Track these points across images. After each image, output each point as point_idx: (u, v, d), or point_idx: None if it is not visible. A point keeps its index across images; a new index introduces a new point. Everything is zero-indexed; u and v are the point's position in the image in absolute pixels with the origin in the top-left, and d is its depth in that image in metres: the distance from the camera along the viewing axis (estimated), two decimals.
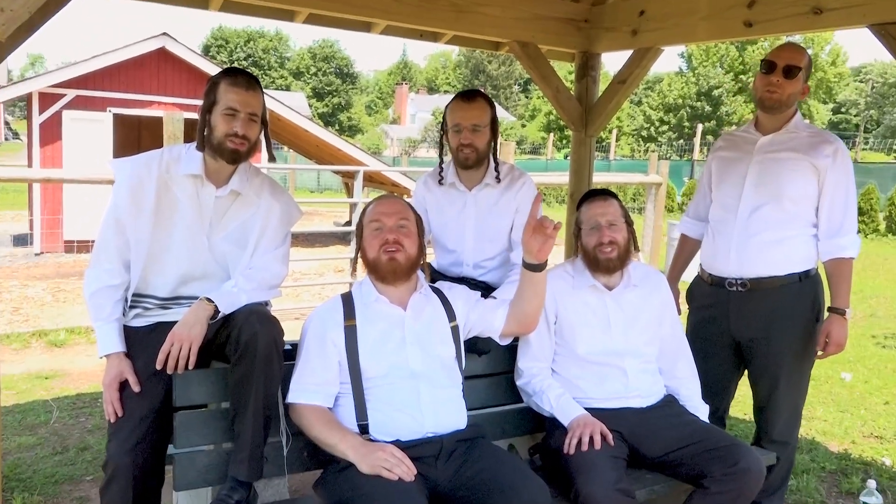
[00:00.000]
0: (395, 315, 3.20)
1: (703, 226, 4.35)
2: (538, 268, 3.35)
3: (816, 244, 3.95)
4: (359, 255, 3.30)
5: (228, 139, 3.19)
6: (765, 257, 3.94)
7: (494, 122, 4.02)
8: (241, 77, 3.25)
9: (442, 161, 4.13)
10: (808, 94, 3.94)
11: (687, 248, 4.56)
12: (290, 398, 3.11)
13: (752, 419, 4.31)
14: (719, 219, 4.13)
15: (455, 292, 3.47)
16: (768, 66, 3.93)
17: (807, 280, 3.96)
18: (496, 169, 4.07)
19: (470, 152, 3.94)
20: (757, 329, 4.01)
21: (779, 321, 3.96)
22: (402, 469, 2.80)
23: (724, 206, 4.11)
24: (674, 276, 4.54)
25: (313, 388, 3.10)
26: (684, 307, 4.40)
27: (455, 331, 3.33)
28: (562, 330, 3.66)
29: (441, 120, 4.14)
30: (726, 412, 4.35)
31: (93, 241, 3.42)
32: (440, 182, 4.13)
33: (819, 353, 3.91)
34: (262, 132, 3.37)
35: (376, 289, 3.24)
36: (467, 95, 4.01)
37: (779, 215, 3.91)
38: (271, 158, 3.52)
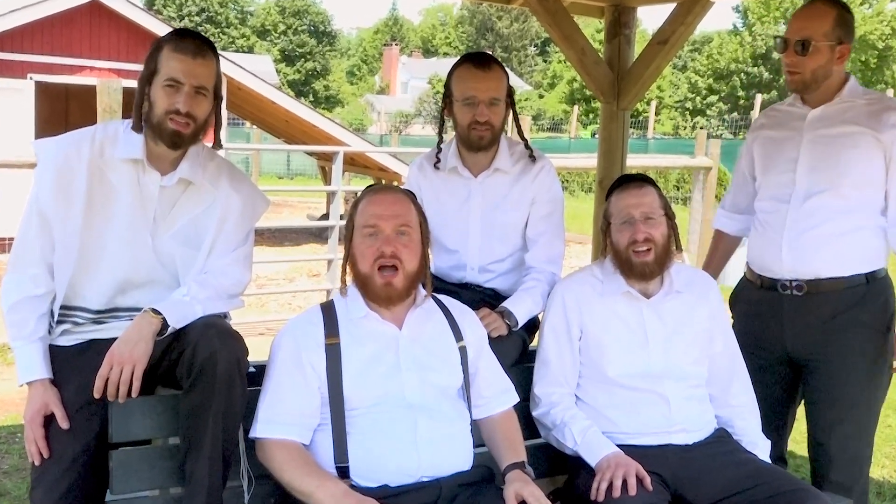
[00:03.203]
0: (387, 334, 3.19)
1: (744, 219, 4.38)
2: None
3: (886, 237, 3.95)
4: (346, 263, 3.27)
5: (169, 117, 3.18)
6: (823, 254, 3.92)
7: (511, 95, 4.04)
8: (189, 41, 3.24)
9: (441, 140, 4.13)
10: (847, 55, 3.91)
11: (722, 246, 4.59)
12: (259, 432, 3.07)
13: (803, 454, 4.29)
14: (769, 210, 4.12)
15: (467, 317, 3.46)
16: (781, 43, 3.95)
17: (875, 282, 3.95)
18: (527, 146, 4.08)
19: (485, 131, 3.94)
20: (815, 342, 3.99)
21: (841, 332, 3.93)
22: None
23: (773, 195, 4.10)
24: None
25: (288, 420, 3.06)
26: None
27: (464, 353, 3.31)
28: (588, 348, 3.67)
29: (442, 90, 4.13)
30: (785, 446, 4.33)
31: (10, 240, 3.42)
32: (437, 167, 4.13)
33: (895, 368, 3.87)
34: (214, 111, 3.36)
35: (366, 303, 3.23)
36: (480, 60, 4.00)
37: (839, 203, 3.89)
38: (217, 145, 3.49)
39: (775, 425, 4.19)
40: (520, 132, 4.13)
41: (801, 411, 4.28)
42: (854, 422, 4.00)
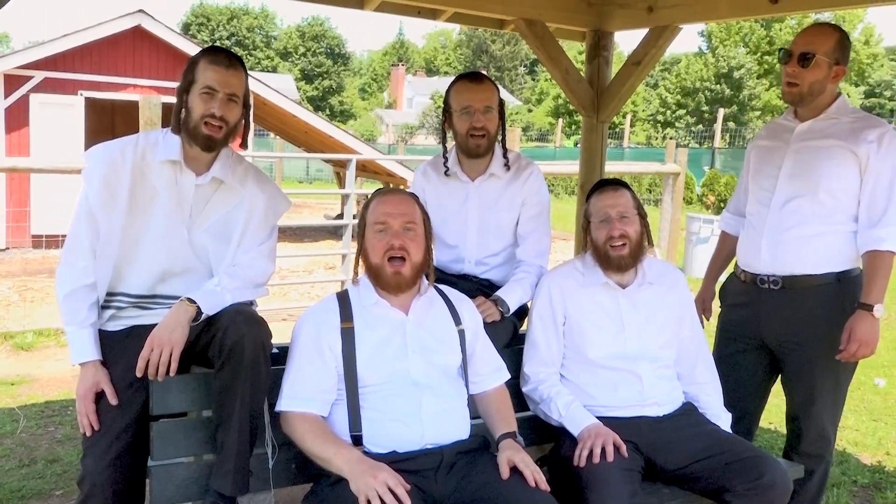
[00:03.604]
0: (396, 319, 3.20)
1: (744, 222, 4.33)
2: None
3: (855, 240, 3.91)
4: (359, 256, 3.28)
5: (204, 121, 3.19)
6: (799, 254, 3.90)
7: (502, 106, 4.04)
8: (223, 55, 3.26)
9: (445, 151, 4.13)
10: (842, 76, 3.87)
11: (726, 246, 4.54)
12: (283, 406, 3.08)
13: (777, 429, 4.31)
14: (754, 212, 4.11)
15: (465, 304, 3.47)
16: (784, 55, 3.91)
17: (846, 281, 3.91)
18: (505, 156, 4.07)
19: (482, 138, 3.95)
20: (789, 332, 3.98)
21: (813, 324, 3.92)
22: (391, 499, 2.72)
23: (758, 198, 4.09)
24: (711, 276, 4.56)
25: (308, 395, 3.08)
26: (715, 309, 4.40)
27: (462, 335, 3.32)
28: (571, 332, 3.67)
29: (441, 105, 4.14)
30: (755, 422, 4.33)
31: (63, 236, 3.42)
32: (446, 173, 4.14)
33: (841, 350, 3.80)
34: (243, 117, 3.37)
35: (376, 291, 3.24)
36: (474, 76, 4.03)
37: (815, 209, 3.87)
38: (244, 145, 3.52)
39: (748, 402, 4.21)
40: (503, 142, 4.11)
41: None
42: (822, 402, 3.99)
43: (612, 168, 11.37)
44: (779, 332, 4.02)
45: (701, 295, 4.56)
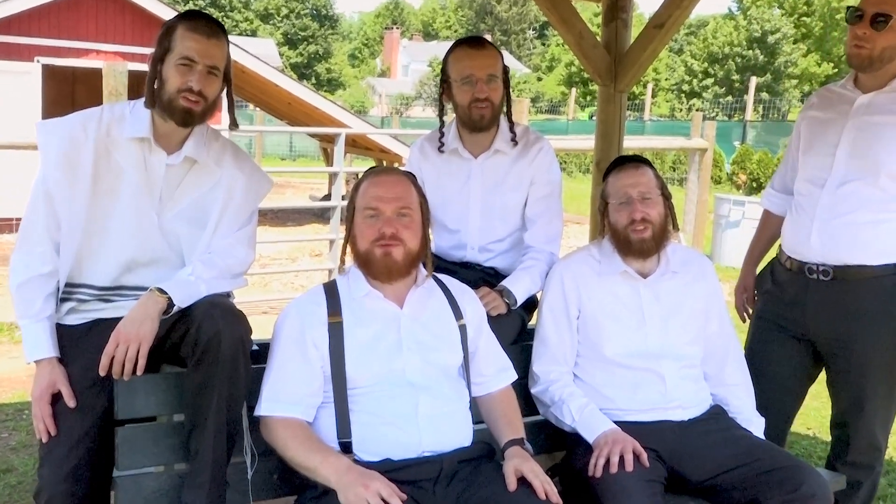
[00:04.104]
0: (389, 313, 3.19)
1: (791, 201, 4.25)
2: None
3: None
4: (347, 244, 3.27)
5: (181, 95, 3.17)
6: (854, 242, 3.84)
7: (506, 74, 4.03)
8: (203, 22, 3.24)
9: (443, 124, 4.12)
10: None
11: (769, 227, 4.46)
12: (263, 410, 3.07)
13: (817, 435, 4.29)
14: (804, 192, 4.03)
15: (467, 296, 3.45)
16: (854, 14, 3.80)
17: None
18: (511, 130, 4.06)
19: (486, 109, 3.93)
20: (839, 328, 3.93)
21: (867, 320, 3.87)
22: None
23: (810, 177, 4.01)
24: (752, 261, 4.52)
25: (292, 398, 3.07)
26: (732, 298, 4.39)
27: (463, 331, 3.31)
28: (586, 327, 3.67)
29: (440, 73, 4.12)
30: (787, 425, 4.30)
31: (18, 220, 3.41)
32: (440, 150, 4.13)
33: None
34: (225, 91, 3.36)
35: (367, 281, 3.22)
36: (474, 41, 4.02)
37: (874, 193, 3.81)
38: (233, 125, 3.52)
39: (783, 403, 4.17)
40: (509, 114, 4.10)
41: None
42: (873, 407, 3.97)
43: (631, 143, 11.35)
44: (827, 328, 3.97)
45: (742, 282, 4.52)
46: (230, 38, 3.39)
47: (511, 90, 4.10)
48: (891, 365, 3.88)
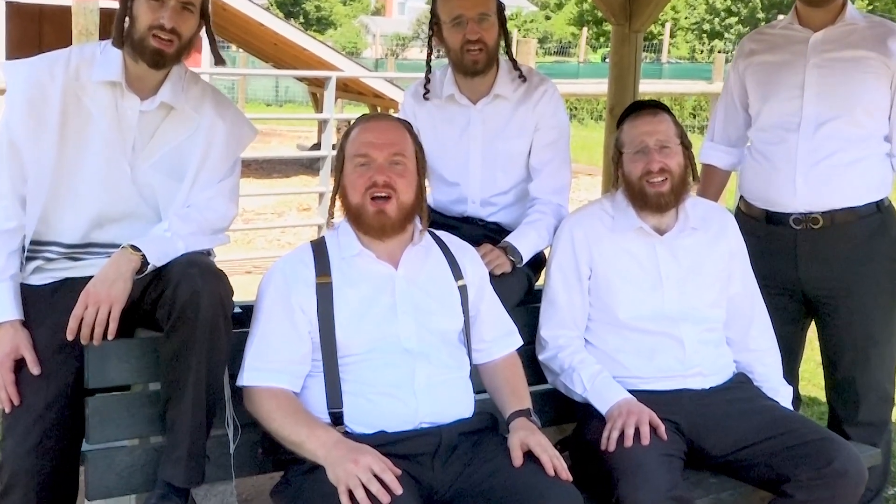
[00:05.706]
0: (383, 274, 3.17)
1: (737, 153, 4.40)
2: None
3: (891, 164, 4.02)
4: (337, 194, 3.24)
5: (152, 33, 3.12)
6: (840, 184, 3.93)
7: (501, 11, 4.00)
8: None
9: (429, 70, 4.10)
10: None
11: (715, 182, 4.55)
12: (245, 380, 3.06)
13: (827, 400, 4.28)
14: (773, 141, 4.09)
15: (467, 254, 3.43)
16: None
17: (885, 211, 4.00)
18: (516, 68, 4.05)
19: (478, 52, 3.88)
20: (834, 278, 4.00)
21: (861, 265, 3.96)
22: (377, 487, 2.69)
23: (777, 124, 4.08)
24: None
25: (276, 366, 3.05)
26: None
27: (464, 292, 3.29)
28: (598, 288, 3.66)
29: (430, 14, 4.09)
30: (798, 385, 4.33)
31: None
32: (425, 97, 4.12)
33: None
34: (203, 28, 3.32)
35: (359, 239, 3.20)
36: None
37: (853, 131, 3.92)
38: (218, 61, 3.49)
39: (790, 366, 4.16)
40: (508, 52, 4.08)
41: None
42: (880, 358, 4.04)
43: (647, 88, 11.32)
44: (823, 278, 4.03)
45: None
46: None
47: (512, 29, 4.04)
48: (890, 306, 3.99)
